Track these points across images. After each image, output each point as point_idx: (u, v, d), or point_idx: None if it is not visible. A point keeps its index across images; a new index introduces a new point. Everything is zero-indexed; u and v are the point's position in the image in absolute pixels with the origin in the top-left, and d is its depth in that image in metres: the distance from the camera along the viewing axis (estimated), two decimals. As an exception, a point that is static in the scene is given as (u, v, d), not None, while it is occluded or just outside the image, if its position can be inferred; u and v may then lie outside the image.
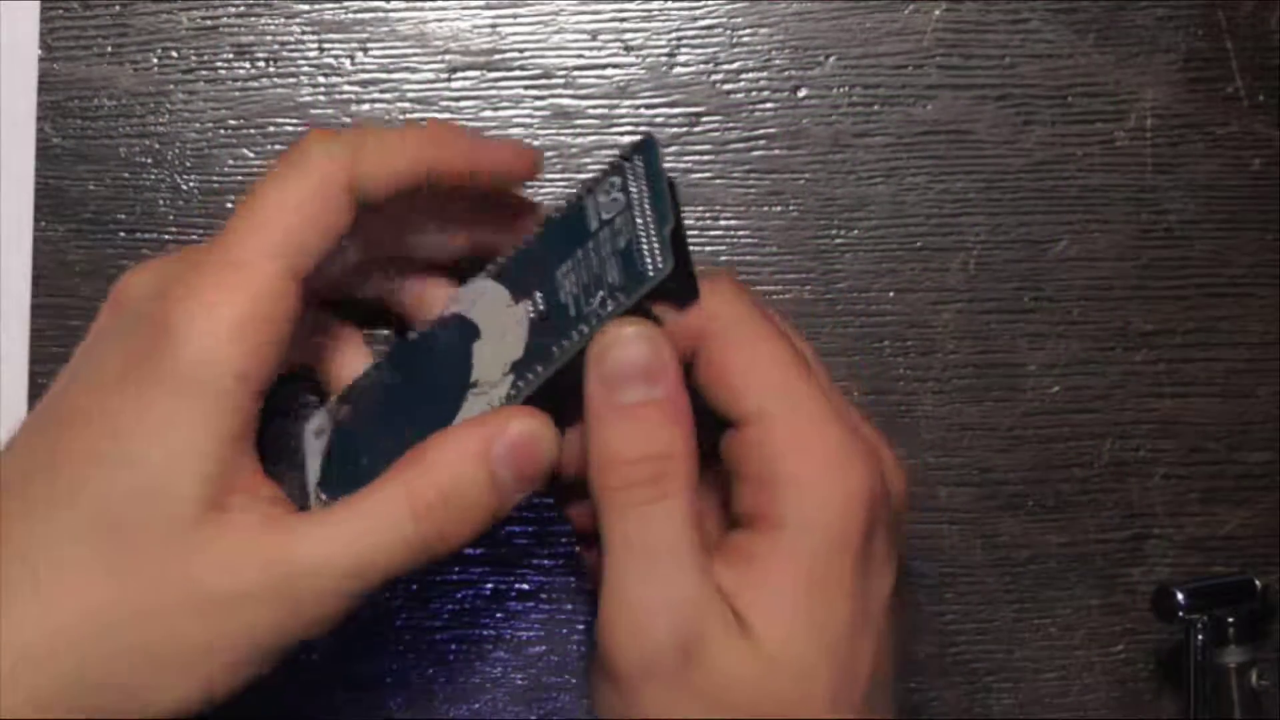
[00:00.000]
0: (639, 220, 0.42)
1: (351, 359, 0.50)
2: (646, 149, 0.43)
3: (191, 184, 0.55)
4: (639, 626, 0.41)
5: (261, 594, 0.40)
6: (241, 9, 0.55)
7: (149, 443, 0.40)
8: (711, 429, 0.45)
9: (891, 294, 0.56)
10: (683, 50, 0.56)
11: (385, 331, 0.53)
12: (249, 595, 0.40)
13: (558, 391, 0.43)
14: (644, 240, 0.42)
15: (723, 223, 0.56)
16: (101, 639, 0.40)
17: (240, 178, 0.55)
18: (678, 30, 0.56)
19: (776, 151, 0.56)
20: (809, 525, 0.42)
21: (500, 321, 0.43)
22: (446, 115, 0.55)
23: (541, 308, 0.43)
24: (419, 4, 0.56)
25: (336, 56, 0.55)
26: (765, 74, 0.56)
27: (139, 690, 0.40)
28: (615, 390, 0.42)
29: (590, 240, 0.43)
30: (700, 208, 0.56)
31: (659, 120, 0.56)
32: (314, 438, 0.47)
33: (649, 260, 0.41)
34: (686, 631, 0.41)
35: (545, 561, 0.55)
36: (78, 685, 0.40)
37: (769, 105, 0.56)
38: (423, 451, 0.42)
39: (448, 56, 0.56)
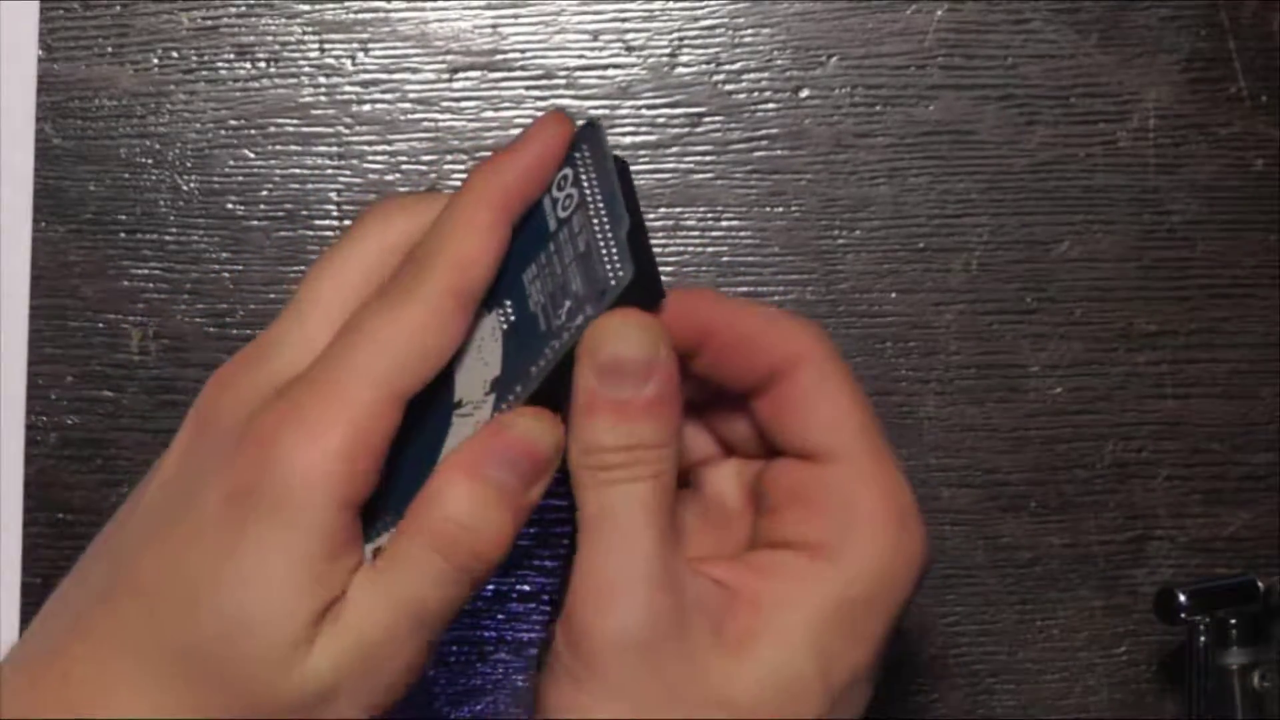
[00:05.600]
0: (595, 221, 0.41)
1: None
2: (591, 135, 0.42)
3: (192, 184, 0.55)
4: (613, 599, 0.41)
5: (344, 686, 0.40)
6: (242, 9, 0.55)
7: (253, 573, 0.40)
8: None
9: (894, 295, 0.56)
10: (684, 51, 0.56)
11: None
12: (334, 693, 0.40)
13: (542, 396, 0.42)
14: (602, 245, 0.41)
15: (724, 223, 0.56)
16: None
17: (241, 178, 0.55)
18: (679, 30, 0.56)
19: (778, 152, 0.56)
20: (866, 567, 0.42)
21: (475, 335, 0.43)
22: (448, 116, 0.55)
23: (512, 318, 0.42)
24: (420, 4, 0.56)
25: (337, 57, 0.55)
26: (767, 74, 0.56)
27: None
28: (608, 384, 0.41)
29: (551, 241, 0.42)
30: (702, 208, 0.56)
31: (660, 121, 0.56)
32: None
33: (609, 269, 0.41)
34: (662, 610, 0.41)
35: (547, 563, 0.55)
36: None
37: (771, 106, 0.56)
38: (429, 486, 0.41)
39: (449, 57, 0.56)
